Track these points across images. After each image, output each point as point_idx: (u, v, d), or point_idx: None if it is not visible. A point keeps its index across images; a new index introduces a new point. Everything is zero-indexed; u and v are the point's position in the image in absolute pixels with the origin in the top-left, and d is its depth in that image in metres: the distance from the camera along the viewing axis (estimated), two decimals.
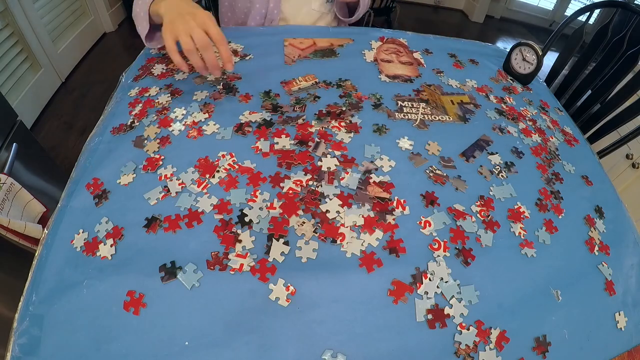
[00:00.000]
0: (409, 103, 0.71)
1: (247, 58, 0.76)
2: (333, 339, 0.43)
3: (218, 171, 0.55)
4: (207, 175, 0.55)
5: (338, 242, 0.49)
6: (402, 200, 0.54)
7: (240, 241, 0.48)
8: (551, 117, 0.79)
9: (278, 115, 0.64)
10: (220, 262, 0.46)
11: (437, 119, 0.69)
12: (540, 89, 0.88)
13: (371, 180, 0.57)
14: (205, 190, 0.53)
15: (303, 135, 0.61)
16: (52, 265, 0.47)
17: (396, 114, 0.68)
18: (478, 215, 0.55)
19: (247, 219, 0.50)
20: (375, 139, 0.63)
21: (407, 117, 0.68)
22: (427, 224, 0.52)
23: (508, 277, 0.51)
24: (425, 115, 0.69)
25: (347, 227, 0.51)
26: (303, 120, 0.63)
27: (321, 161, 0.57)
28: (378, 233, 0.51)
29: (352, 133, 0.62)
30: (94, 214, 0.51)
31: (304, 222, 0.50)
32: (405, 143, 0.63)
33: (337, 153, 0.59)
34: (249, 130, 0.61)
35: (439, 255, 0.50)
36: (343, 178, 0.56)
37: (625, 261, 0.59)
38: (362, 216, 0.52)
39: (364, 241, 0.50)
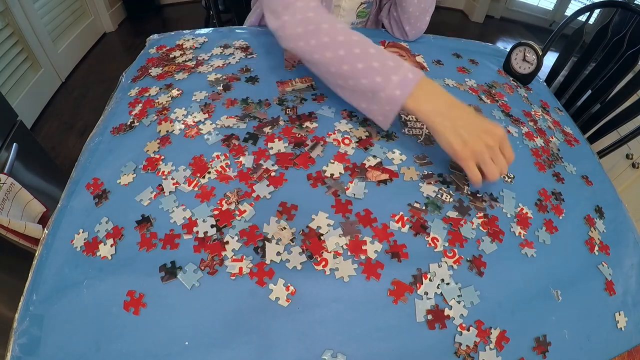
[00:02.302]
0: (413, 117, 0.68)
1: (249, 57, 0.76)
2: (333, 339, 0.43)
3: (209, 172, 0.55)
4: (198, 175, 0.54)
5: (317, 261, 0.47)
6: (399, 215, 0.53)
7: (227, 242, 0.48)
8: (553, 117, 0.79)
9: (255, 122, 0.62)
10: (213, 266, 0.46)
11: None
12: (540, 89, 0.88)
13: (367, 166, 0.56)
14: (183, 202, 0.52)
15: (296, 139, 0.60)
16: (52, 265, 0.47)
17: (400, 129, 0.65)
18: (480, 227, 0.54)
19: (221, 224, 0.49)
20: (384, 144, 0.62)
21: (412, 132, 0.65)
22: (435, 240, 0.51)
23: (508, 277, 0.51)
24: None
25: (330, 252, 0.48)
26: (270, 130, 0.61)
27: (327, 166, 0.56)
28: (377, 245, 0.49)
29: (356, 145, 0.60)
30: (94, 214, 0.51)
31: (284, 228, 0.49)
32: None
33: (341, 165, 0.57)
34: (235, 143, 0.59)
35: (446, 262, 0.49)
36: (348, 188, 0.54)
37: (625, 261, 0.59)
38: (349, 239, 0.49)
39: (355, 260, 0.48)
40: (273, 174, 0.55)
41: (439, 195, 0.56)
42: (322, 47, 0.57)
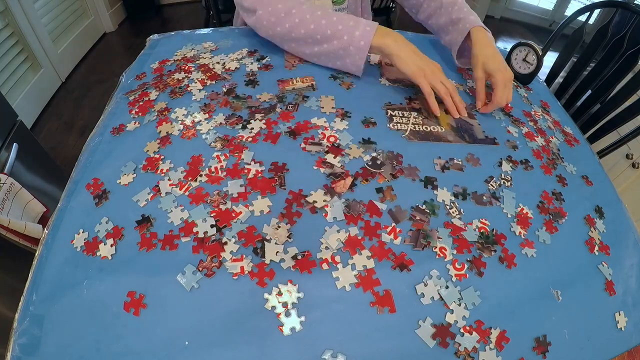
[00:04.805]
0: (400, 112, 0.68)
1: (250, 57, 0.76)
2: (333, 339, 0.43)
3: (201, 175, 0.54)
4: (189, 178, 0.54)
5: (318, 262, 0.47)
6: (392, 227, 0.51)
7: (226, 243, 0.48)
8: (553, 117, 0.79)
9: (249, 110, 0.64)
10: (211, 268, 0.46)
11: (429, 129, 0.66)
12: (540, 89, 0.88)
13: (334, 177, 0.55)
14: (184, 195, 0.52)
15: (298, 127, 0.62)
16: (52, 265, 0.47)
17: (386, 124, 0.65)
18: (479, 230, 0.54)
19: (221, 225, 0.49)
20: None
21: (396, 127, 0.65)
22: (443, 250, 0.50)
23: (508, 277, 0.51)
24: (416, 126, 0.66)
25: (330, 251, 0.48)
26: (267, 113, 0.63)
27: (310, 195, 0.53)
28: (371, 262, 0.48)
29: (332, 155, 0.59)
30: (94, 214, 0.51)
31: (278, 227, 0.49)
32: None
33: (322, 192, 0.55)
34: (235, 143, 0.59)
35: (446, 266, 0.49)
36: (326, 215, 0.51)
37: (625, 261, 0.59)
38: (349, 234, 0.49)
39: (354, 265, 0.47)
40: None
41: (450, 210, 0.55)
42: (296, 27, 0.70)
